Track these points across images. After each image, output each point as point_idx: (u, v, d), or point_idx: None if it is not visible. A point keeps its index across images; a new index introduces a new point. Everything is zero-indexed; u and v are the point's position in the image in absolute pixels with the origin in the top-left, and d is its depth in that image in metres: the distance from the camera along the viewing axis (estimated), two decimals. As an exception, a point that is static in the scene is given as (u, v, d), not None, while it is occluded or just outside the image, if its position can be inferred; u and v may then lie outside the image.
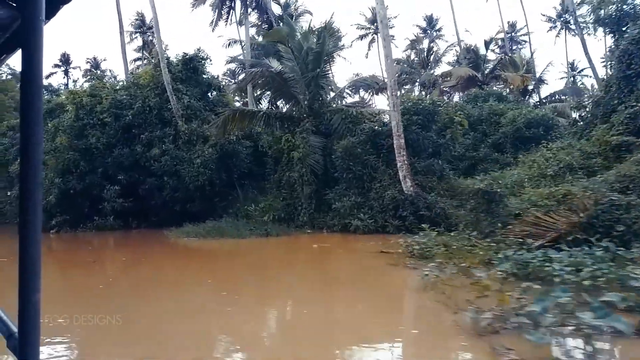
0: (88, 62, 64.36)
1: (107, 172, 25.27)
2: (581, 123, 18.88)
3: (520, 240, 9.54)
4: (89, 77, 60.65)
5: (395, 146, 16.42)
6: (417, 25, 57.85)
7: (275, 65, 21.94)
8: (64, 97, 26.84)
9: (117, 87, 28.74)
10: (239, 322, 7.23)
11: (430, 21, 52.81)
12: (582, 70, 56.18)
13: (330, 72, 22.46)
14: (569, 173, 14.33)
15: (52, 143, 25.59)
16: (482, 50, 34.27)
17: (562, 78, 57.71)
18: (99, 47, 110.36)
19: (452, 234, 11.46)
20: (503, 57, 32.71)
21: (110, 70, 48.21)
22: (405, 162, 16.23)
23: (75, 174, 25.00)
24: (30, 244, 0.76)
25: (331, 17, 33.16)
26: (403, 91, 41.04)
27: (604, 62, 34.18)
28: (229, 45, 37.36)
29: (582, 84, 51.86)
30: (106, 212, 24.32)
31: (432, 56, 40.00)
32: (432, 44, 41.51)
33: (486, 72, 32.60)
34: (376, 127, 18.33)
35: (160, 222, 25.43)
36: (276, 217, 20.48)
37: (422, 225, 12.29)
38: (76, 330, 6.48)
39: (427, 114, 18.18)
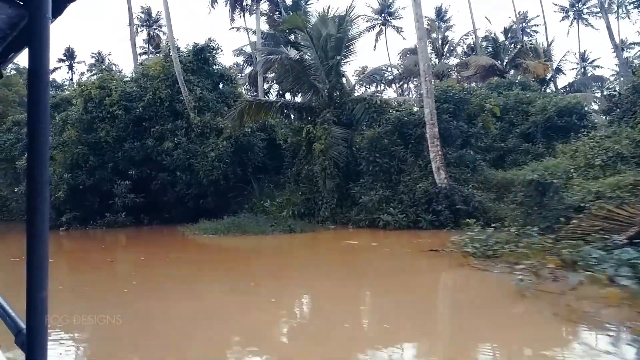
0: (93, 56, 63.43)
1: (117, 167, 24.39)
2: (618, 110, 17.77)
3: (585, 234, 8.58)
4: (94, 70, 59.84)
5: (428, 136, 15.44)
6: (426, 17, 56.39)
7: (292, 53, 20.89)
8: (71, 90, 25.75)
9: (127, 79, 27.79)
10: (312, 344, 6.08)
11: (439, 13, 51.45)
12: (593, 60, 54.80)
13: (351, 59, 21.40)
14: (620, 162, 13.31)
15: (60, 137, 24.72)
16: (500, 38, 33.08)
17: (572, 69, 56.41)
18: (104, 42, 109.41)
19: (511, 230, 10.37)
20: (524, 44, 31.55)
21: (115, 65, 47.06)
22: (439, 152, 15.24)
23: (84, 169, 24.14)
24: (38, 242, 0.75)
25: (352, 2, 31.87)
26: (415, 83, 39.96)
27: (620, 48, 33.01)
28: (237, 30, 36.25)
29: (592, 74, 50.52)
30: (117, 208, 23.45)
31: (446, 46, 38.85)
32: (446, 33, 40.31)
33: (505, 60, 31.47)
34: (404, 117, 17.30)
35: (172, 219, 24.59)
36: (295, 213, 19.55)
37: (468, 220, 11.30)
38: (120, 333, 5.72)
39: (458, 102, 17.16)
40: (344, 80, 20.47)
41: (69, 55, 62.45)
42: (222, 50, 29.15)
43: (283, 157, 25.87)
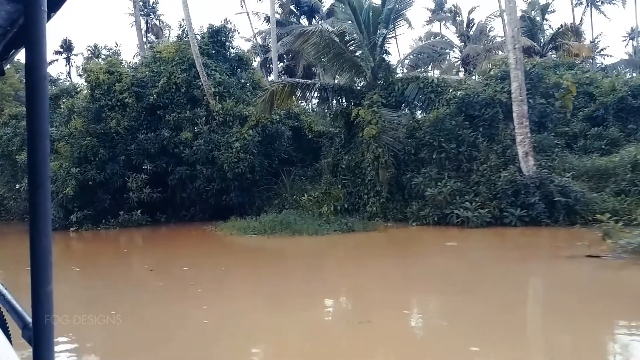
0: (89, 49, 60.62)
1: (130, 160, 22.02)
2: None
3: None
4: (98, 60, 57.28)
5: (515, 115, 13.21)
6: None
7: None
8: (75, 75, 23.28)
9: (137, 64, 25.34)
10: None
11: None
12: (602, 49, 52.63)
13: (400, 33, 18.95)
14: None
15: (66, 127, 22.30)
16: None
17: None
18: (100, 35, 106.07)
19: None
20: (565, 24, 29.37)
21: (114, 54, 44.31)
22: (528, 135, 13.03)
23: (93, 162, 21.73)
24: (41, 236, 0.75)
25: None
26: (437, 72, 37.62)
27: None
28: (246, 14, 33.81)
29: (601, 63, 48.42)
30: (132, 204, 21.11)
31: (472, 28, 36.52)
32: (470, 16, 38.06)
33: (543, 41, 29.26)
34: (471, 96, 14.99)
35: (192, 217, 22.37)
36: (338, 209, 17.29)
37: (599, 215, 9.10)
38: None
39: (533, 78, 14.92)
40: (389, 57, 18.16)
41: (67, 47, 59.54)
42: (239, 32, 26.75)
43: (309, 148, 23.65)
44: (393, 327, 6.21)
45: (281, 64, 40.64)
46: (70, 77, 56.38)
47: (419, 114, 16.86)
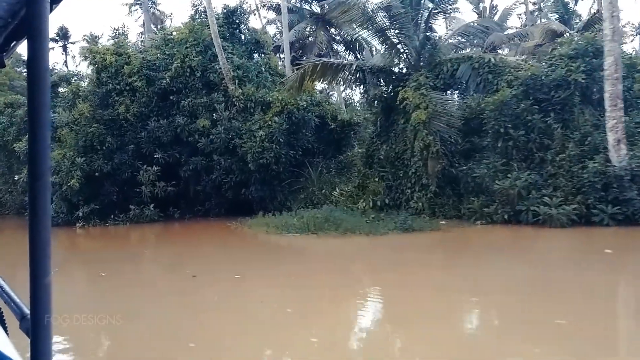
0: (84, 38, 58.17)
1: (140, 149, 20.14)
2: None
3: None
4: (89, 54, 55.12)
5: (607, 96, 11.58)
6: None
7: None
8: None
9: (146, 47, 23.39)
10: None
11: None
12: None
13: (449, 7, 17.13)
14: None
15: (70, 113, 20.35)
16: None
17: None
18: (97, 24, 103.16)
19: None
20: (600, 9, 27.73)
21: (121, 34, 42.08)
22: (622, 119, 11.39)
23: (100, 151, 19.83)
24: (40, 226, 0.74)
25: None
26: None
27: None
28: None
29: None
30: (144, 199, 19.24)
31: (496, 15, 34.86)
32: (493, 2, 36.28)
33: (575, 26, 27.65)
34: (540, 77, 13.27)
35: (207, 212, 20.58)
36: (378, 204, 15.60)
37: None
38: None
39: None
40: (435, 35, 16.37)
41: (63, 35, 57.09)
42: (255, 14, 24.89)
43: (332, 139, 21.91)
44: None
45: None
46: (67, 66, 54.13)
47: (471, 98, 15.11)
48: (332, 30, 38.34)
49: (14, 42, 1.12)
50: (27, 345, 0.73)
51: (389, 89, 16.18)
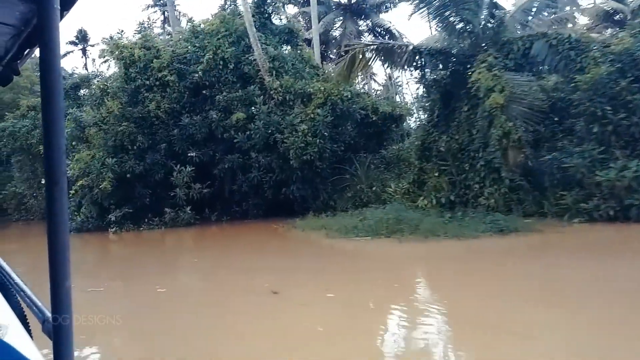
0: (104, 41, 57.51)
1: (172, 148, 18.89)
2: None
3: None
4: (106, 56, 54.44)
5: None
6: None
7: None
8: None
9: (173, 41, 22.15)
10: None
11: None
12: None
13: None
14: None
15: (98, 111, 19.17)
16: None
17: None
18: (115, 28, 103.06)
19: None
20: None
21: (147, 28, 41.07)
22: None
23: (131, 152, 18.63)
24: (59, 233, 0.75)
25: None
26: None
27: None
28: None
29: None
30: (178, 201, 17.96)
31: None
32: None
33: (632, 6, 25.53)
34: (634, 52, 11.50)
35: (244, 213, 19.22)
36: (443, 201, 14.01)
37: None
38: None
39: None
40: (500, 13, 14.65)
41: (82, 37, 56.33)
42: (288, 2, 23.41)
43: (373, 133, 20.37)
44: None
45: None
46: (87, 69, 53.53)
47: (552, 79, 13.40)
48: (360, 22, 36.98)
49: (28, 49, 1.13)
50: (50, 347, 0.72)
51: (448, 73, 14.56)
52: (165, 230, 17.47)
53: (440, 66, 14.71)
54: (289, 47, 22.23)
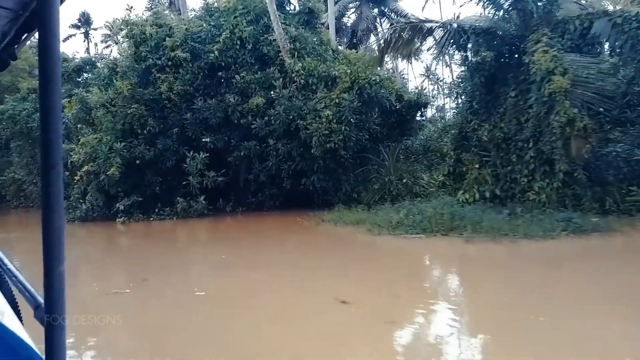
0: (107, 25, 55.89)
1: (185, 133, 17.60)
2: None
3: None
4: (108, 43, 52.99)
5: None
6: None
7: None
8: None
9: (190, 16, 20.76)
10: None
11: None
12: None
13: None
14: None
15: (106, 92, 17.82)
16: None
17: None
18: (117, 13, 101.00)
19: None
20: None
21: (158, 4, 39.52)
22: None
23: (141, 136, 17.32)
24: (54, 217, 0.76)
25: None
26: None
27: None
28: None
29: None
30: (192, 190, 16.69)
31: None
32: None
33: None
34: None
35: (259, 204, 17.94)
36: (486, 196, 12.78)
37: None
38: None
39: None
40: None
41: (85, 20, 54.76)
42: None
43: (395, 122, 19.10)
44: None
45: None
46: (89, 53, 52.01)
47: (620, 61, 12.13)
48: (376, 9, 35.56)
49: (26, 34, 1.11)
50: (42, 333, 0.72)
51: (493, 55, 13.25)
52: (176, 221, 16.23)
53: (485, 47, 13.39)
54: (307, 29, 20.88)
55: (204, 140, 17.32)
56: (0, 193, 28.10)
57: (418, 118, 21.32)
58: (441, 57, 17.32)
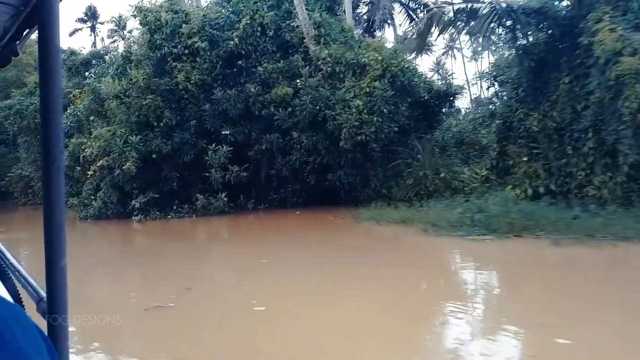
0: (113, 20, 54.85)
1: (203, 125, 16.58)
2: None
3: None
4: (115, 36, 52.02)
5: None
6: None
7: None
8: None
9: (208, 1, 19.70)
10: None
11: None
12: None
13: None
14: None
15: (120, 82, 16.79)
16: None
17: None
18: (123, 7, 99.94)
19: None
20: None
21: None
22: None
23: (157, 129, 16.30)
24: (55, 212, 0.75)
25: None
26: None
27: None
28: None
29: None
30: (214, 185, 15.69)
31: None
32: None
33: None
34: None
35: (281, 201, 16.90)
36: (539, 191, 11.68)
37: None
38: None
39: None
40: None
41: (91, 14, 53.76)
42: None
43: (423, 113, 17.97)
44: None
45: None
46: (95, 47, 51.05)
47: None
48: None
49: (27, 30, 1.09)
50: (45, 327, 0.70)
51: (544, 38, 12.12)
52: (196, 219, 15.23)
53: (536, 29, 12.25)
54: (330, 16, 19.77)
55: (223, 133, 16.30)
56: (8, 190, 27.28)
57: (445, 110, 20.20)
58: (487, 40, 16.02)
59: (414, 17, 30.71)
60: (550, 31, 12.30)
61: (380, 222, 11.27)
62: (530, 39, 12.30)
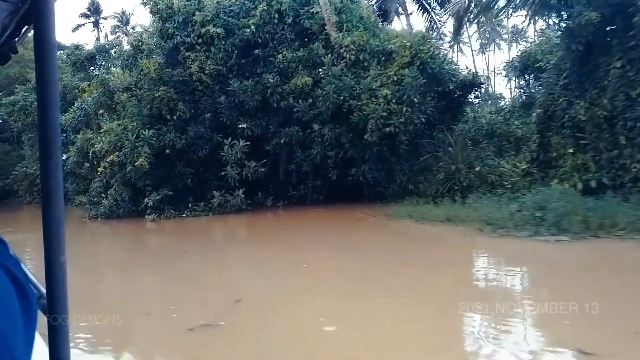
0: (116, 16, 53.89)
1: (218, 118, 15.69)
2: None
3: None
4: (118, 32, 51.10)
5: None
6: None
7: None
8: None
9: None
10: None
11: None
12: None
13: None
14: None
15: (130, 74, 15.90)
16: None
17: None
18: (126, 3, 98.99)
19: None
20: None
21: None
22: None
23: (170, 122, 15.40)
24: (54, 208, 0.76)
25: None
26: None
27: None
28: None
29: None
30: (230, 182, 14.80)
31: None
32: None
33: None
34: None
35: (301, 198, 16.02)
36: (591, 185, 10.73)
37: None
38: None
39: None
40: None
41: (94, 9, 52.88)
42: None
43: (447, 105, 17.00)
44: None
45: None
46: (99, 42, 50.18)
47: None
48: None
49: (26, 27, 1.10)
50: (45, 324, 0.72)
51: (587, 21, 11.15)
52: (212, 217, 14.36)
53: (585, 8, 11.28)
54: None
55: (240, 126, 15.41)
56: (12, 188, 26.48)
57: (471, 100, 19.22)
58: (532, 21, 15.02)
59: (427, 7, 29.72)
60: (600, 11, 11.30)
61: (421, 221, 10.32)
62: (589, 15, 11.27)
